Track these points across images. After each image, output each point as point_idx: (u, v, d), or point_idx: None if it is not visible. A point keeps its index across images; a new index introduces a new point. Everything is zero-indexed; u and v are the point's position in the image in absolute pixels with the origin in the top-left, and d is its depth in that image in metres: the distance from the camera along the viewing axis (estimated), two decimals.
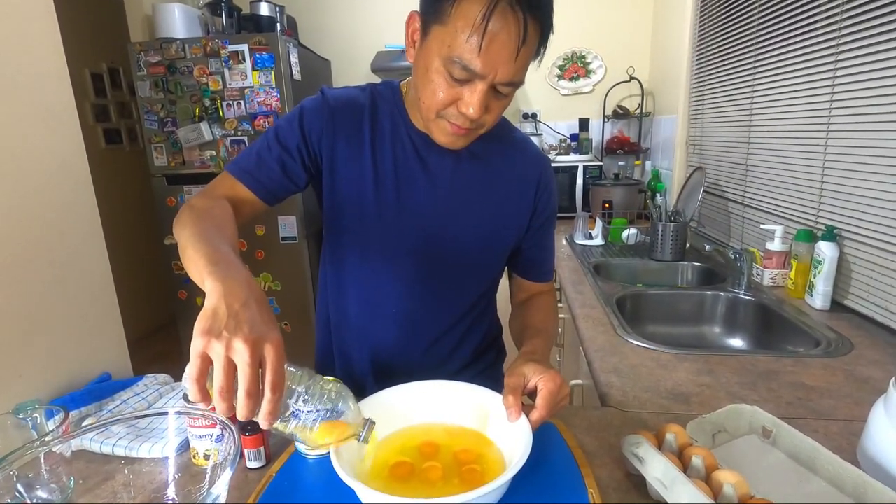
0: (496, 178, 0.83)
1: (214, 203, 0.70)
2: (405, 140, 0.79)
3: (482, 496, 0.47)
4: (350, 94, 0.81)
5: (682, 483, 0.52)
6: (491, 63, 0.61)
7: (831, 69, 1.19)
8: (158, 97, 2.32)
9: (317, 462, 0.64)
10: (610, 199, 2.26)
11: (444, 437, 0.63)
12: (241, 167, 0.77)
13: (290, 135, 0.77)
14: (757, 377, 0.88)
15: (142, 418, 0.72)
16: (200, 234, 0.59)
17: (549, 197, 0.88)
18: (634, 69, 2.65)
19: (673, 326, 1.39)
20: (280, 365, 0.45)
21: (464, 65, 0.61)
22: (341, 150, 0.78)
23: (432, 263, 0.82)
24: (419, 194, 0.79)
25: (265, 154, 0.77)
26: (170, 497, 0.58)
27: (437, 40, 0.63)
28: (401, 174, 0.79)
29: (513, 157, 0.84)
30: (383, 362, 0.88)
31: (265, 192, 0.77)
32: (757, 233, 1.55)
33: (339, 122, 0.78)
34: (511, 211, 0.85)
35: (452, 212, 0.81)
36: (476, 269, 0.87)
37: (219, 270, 0.50)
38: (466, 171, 0.81)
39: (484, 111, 0.66)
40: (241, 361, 0.43)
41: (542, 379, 0.60)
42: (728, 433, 0.67)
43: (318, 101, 0.79)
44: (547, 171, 0.87)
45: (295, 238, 2.38)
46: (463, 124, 0.68)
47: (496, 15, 0.59)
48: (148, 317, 3.55)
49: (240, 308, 0.46)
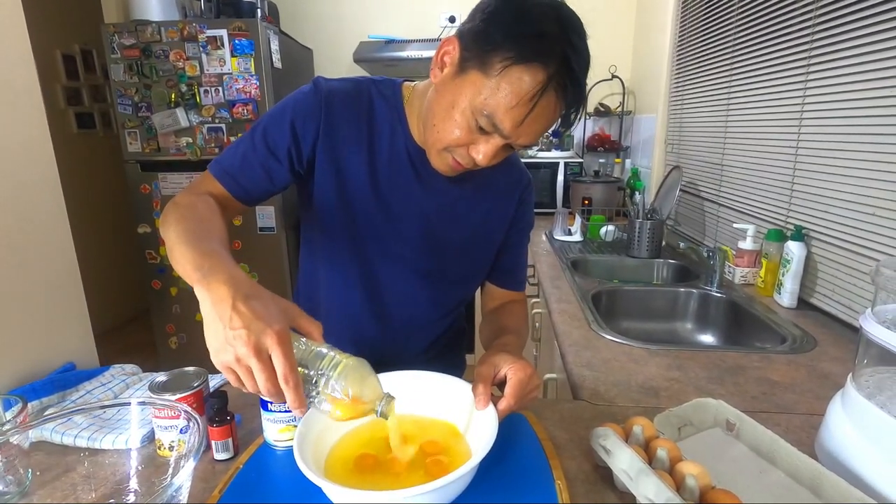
0: (482, 189, 0.84)
1: (198, 199, 0.68)
2: (401, 148, 0.77)
3: (443, 486, 0.47)
4: (348, 90, 0.76)
5: (646, 474, 0.53)
6: (519, 132, 0.63)
7: (803, 73, 1.22)
8: (133, 81, 2.25)
9: (285, 454, 0.64)
10: (590, 196, 2.28)
11: (413, 428, 0.62)
12: (223, 168, 0.74)
13: (278, 136, 0.73)
14: (724, 372, 0.90)
15: (107, 409, 0.71)
16: (184, 234, 0.58)
17: (527, 210, 0.91)
18: (616, 67, 2.67)
19: (647, 322, 1.41)
20: (285, 357, 0.46)
21: (494, 123, 0.62)
22: (337, 148, 0.75)
23: (418, 269, 0.83)
24: (411, 202, 0.79)
25: (250, 155, 0.73)
26: (132, 489, 0.57)
27: (473, 86, 0.62)
28: (395, 180, 0.78)
29: (497, 169, 0.82)
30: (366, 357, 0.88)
31: (245, 195, 0.75)
32: (730, 232, 1.58)
33: (336, 119, 0.75)
34: (495, 223, 0.86)
35: (441, 221, 0.81)
36: (460, 276, 0.88)
37: (203, 276, 0.50)
38: (457, 183, 0.80)
39: (491, 159, 0.68)
40: (253, 369, 0.46)
41: (511, 368, 0.61)
42: (694, 426, 0.69)
43: (311, 97, 0.74)
44: (529, 187, 0.90)
45: (273, 229, 2.34)
46: (467, 165, 0.69)
47: (545, 97, 0.60)
48: (122, 306, 3.47)
49: (232, 313, 0.46)
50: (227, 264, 0.52)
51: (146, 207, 2.38)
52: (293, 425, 0.63)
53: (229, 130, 2.27)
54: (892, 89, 0.96)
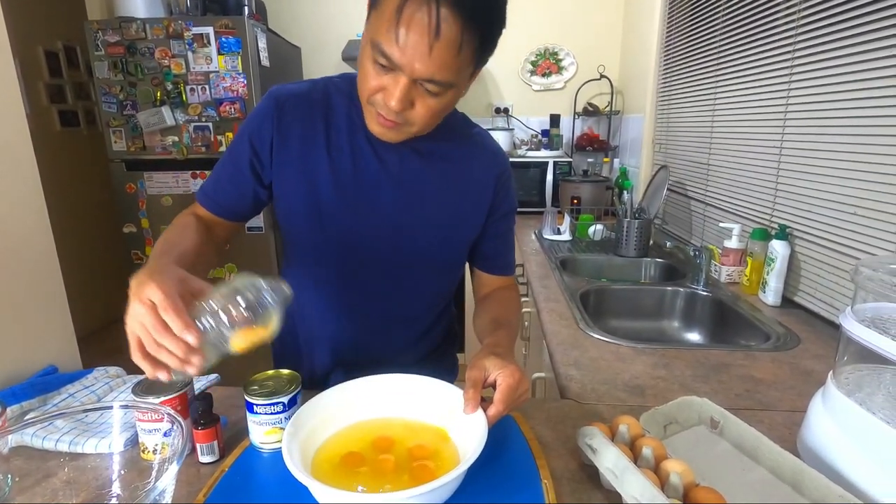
0: (455, 177, 0.82)
1: (182, 219, 0.76)
2: (362, 139, 0.76)
3: (426, 493, 0.47)
4: (301, 91, 0.77)
5: (631, 472, 0.54)
6: (407, 55, 0.59)
7: (787, 74, 1.24)
8: (117, 79, 2.22)
9: (271, 456, 0.63)
10: (579, 196, 2.29)
11: (403, 431, 0.62)
12: (204, 191, 0.80)
13: (240, 151, 0.77)
14: (709, 370, 0.91)
15: (89, 412, 0.70)
16: (155, 249, 0.67)
17: (507, 194, 0.88)
18: (605, 67, 2.69)
19: (634, 321, 1.42)
20: (164, 293, 0.50)
21: (382, 51, 0.60)
22: (293, 149, 0.76)
23: (393, 261, 0.82)
24: (378, 194, 0.78)
25: (222, 175, 0.79)
26: (115, 493, 0.56)
27: (371, 24, 0.63)
28: (360, 174, 0.77)
29: (471, 155, 0.83)
30: (346, 356, 0.88)
31: (225, 213, 0.80)
32: (716, 231, 1.60)
33: (290, 122, 0.76)
34: (469, 209, 0.84)
35: (411, 210, 0.80)
36: (436, 266, 0.87)
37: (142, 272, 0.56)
38: (425, 169, 0.79)
39: (407, 106, 0.64)
40: (140, 315, 0.50)
41: (501, 374, 0.60)
42: (679, 424, 0.70)
43: (265, 106, 0.76)
44: (505, 171, 0.87)
45: (261, 229, 2.32)
46: (387, 115, 0.66)
47: (409, 4, 0.57)
48: (107, 307, 3.41)
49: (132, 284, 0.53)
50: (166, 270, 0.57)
51: (132, 207, 2.34)
52: (279, 428, 0.63)
53: (216, 129, 2.24)
54: (876, 90, 0.98)
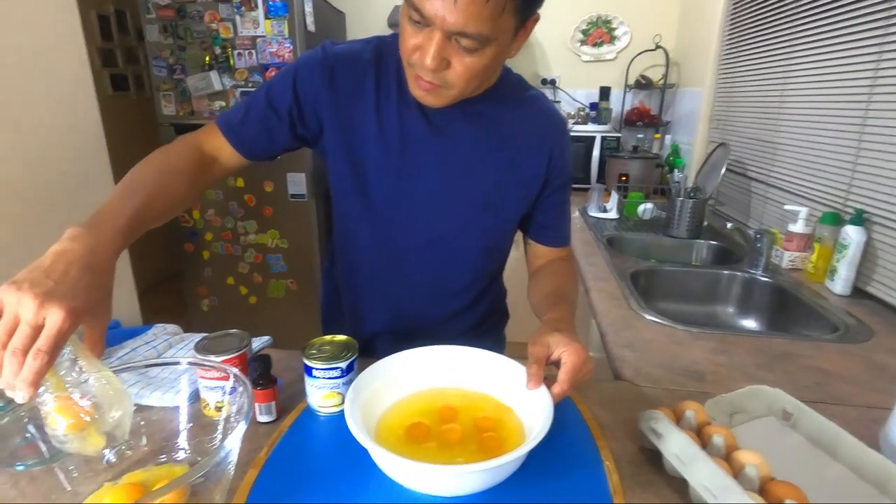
0: (508, 142, 0.78)
1: (183, 148, 0.72)
2: (410, 100, 0.73)
3: (501, 466, 0.46)
4: (353, 49, 0.76)
5: (702, 460, 0.51)
6: (436, 6, 0.56)
7: (877, 45, 1.13)
8: (167, 42, 2.24)
9: (328, 420, 0.64)
10: (627, 173, 2.20)
11: (463, 402, 0.62)
12: (227, 121, 0.76)
13: (281, 96, 0.74)
14: (773, 359, 0.87)
15: (152, 367, 0.72)
16: (126, 182, 0.62)
17: (564, 164, 0.83)
18: (661, 37, 2.54)
19: (684, 304, 1.37)
20: (56, 332, 0.42)
21: (414, 5, 0.58)
22: (343, 110, 0.74)
23: (438, 230, 0.80)
24: (424, 159, 0.76)
25: (253, 111, 0.75)
26: (181, 446, 0.57)
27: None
28: (407, 135, 0.75)
29: (526, 119, 0.79)
30: (388, 325, 0.88)
31: (246, 150, 0.77)
32: (778, 214, 1.51)
33: (340, 80, 0.74)
34: (522, 178, 0.80)
35: (459, 177, 0.77)
36: (483, 237, 0.83)
37: (81, 227, 0.49)
38: (475, 133, 0.76)
39: (443, 66, 0.62)
40: (23, 317, 0.42)
41: (566, 351, 0.58)
42: (746, 414, 0.66)
43: (317, 58, 0.74)
44: (562, 138, 0.82)
45: (304, 196, 2.34)
46: (424, 76, 0.64)
47: None
48: (152, 270, 3.55)
49: (61, 267, 0.45)
50: (106, 229, 0.51)
51: None
52: (337, 392, 0.63)
53: None
54: None
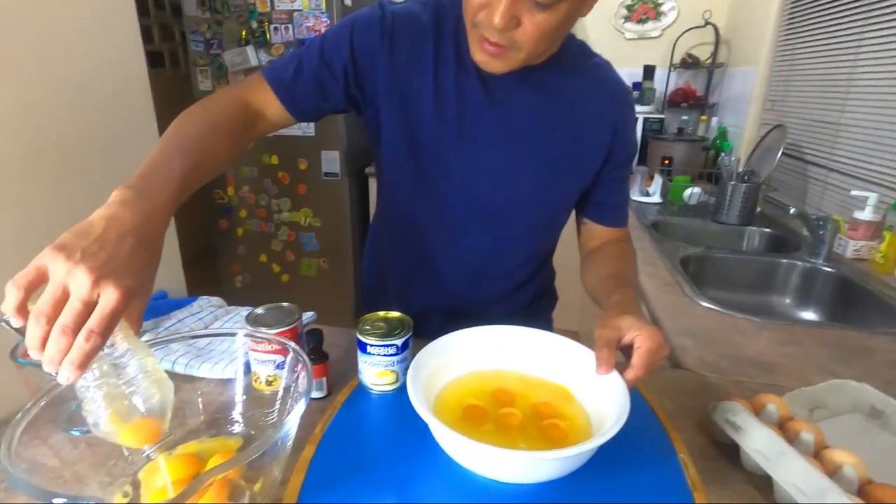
0: (569, 113, 0.73)
1: (228, 103, 0.65)
2: (469, 66, 0.69)
3: (577, 455, 0.43)
4: (411, 11, 0.71)
5: (792, 457, 0.47)
6: None
7: None
8: (205, 17, 2.23)
9: (381, 397, 0.62)
10: (670, 156, 2.11)
11: (521, 386, 0.58)
12: (276, 74, 0.69)
13: (336, 51, 0.68)
14: (848, 352, 0.81)
15: (202, 338, 0.71)
16: (170, 139, 0.56)
17: (628, 137, 0.78)
18: (711, 13, 2.41)
19: (736, 293, 1.30)
20: (111, 313, 0.38)
21: None
22: (399, 76, 0.70)
23: (492, 204, 0.76)
24: (480, 129, 0.71)
25: (306, 66, 0.69)
26: (236, 419, 0.56)
27: None
28: (463, 105, 0.70)
29: (589, 88, 0.74)
30: (442, 302, 0.84)
31: (293, 105, 0.70)
32: (839, 199, 1.42)
33: (398, 42, 0.69)
34: (583, 152, 0.76)
35: (516, 149, 0.73)
36: (539, 214, 0.79)
37: (130, 190, 0.45)
38: (536, 103, 0.71)
39: (513, 24, 0.57)
40: (74, 291, 0.38)
41: (640, 336, 0.54)
42: (828, 409, 0.62)
43: (375, 17, 0.69)
44: (627, 109, 0.78)
45: (337, 175, 2.33)
46: (491, 37, 0.59)
47: None
48: (186, 245, 3.61)
49: (114, 237, 0.41)
50: (160, 196, 0.47)
51: None
52: (390, 370, 0.61)
53: None
54: None
